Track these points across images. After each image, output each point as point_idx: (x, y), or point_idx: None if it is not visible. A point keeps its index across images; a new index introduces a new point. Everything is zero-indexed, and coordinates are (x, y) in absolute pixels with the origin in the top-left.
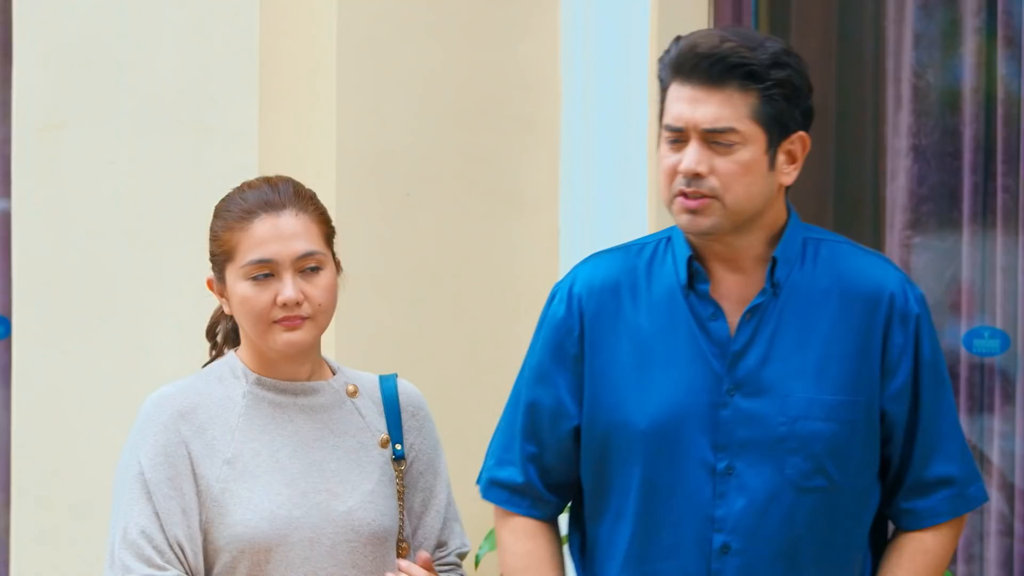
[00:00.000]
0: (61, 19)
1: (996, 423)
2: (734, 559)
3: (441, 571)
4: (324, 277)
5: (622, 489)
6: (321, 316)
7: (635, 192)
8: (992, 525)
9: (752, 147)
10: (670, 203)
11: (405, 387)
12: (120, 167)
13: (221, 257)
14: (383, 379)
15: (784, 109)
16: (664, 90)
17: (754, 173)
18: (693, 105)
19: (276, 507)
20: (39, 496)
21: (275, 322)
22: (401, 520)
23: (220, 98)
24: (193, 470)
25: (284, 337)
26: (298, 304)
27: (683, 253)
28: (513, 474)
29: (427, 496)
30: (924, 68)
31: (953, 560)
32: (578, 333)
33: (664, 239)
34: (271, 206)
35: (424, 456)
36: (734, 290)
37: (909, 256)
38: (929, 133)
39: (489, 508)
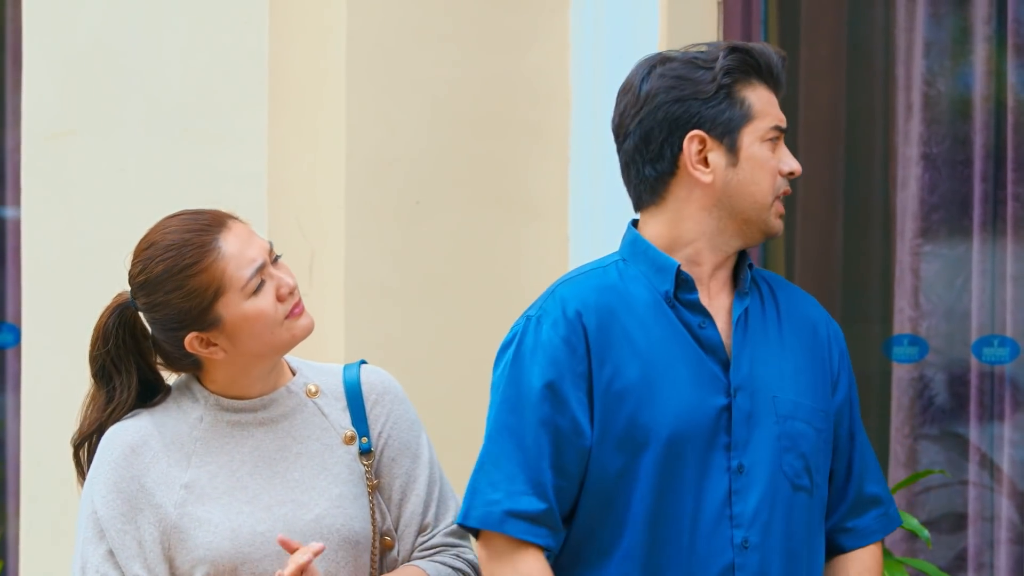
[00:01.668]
0: (71, 27)
1: (1006, 431)
2: (753, 554)
3: (424, 555)
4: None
5: (624, 505)
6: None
7: None
8: (1002, 533)
9: None
10: (769, 206)
11: (368, 374)
12: (129, 175)
13: (210, 299)
14: (346, 369)
15: None
16: (728, 90)
17: None
18: (777, 107)
19: (238, 525)
20: (49, 503)
21: (286, 317)
22: (373, 517)
23: (229, 106)
24: (149, 501)
25: (301, 323)
26: (295, 288)
27: (669, 265)
28: (531, 502)
29: (406, 481)
30: (934, 76)
31: (963, 567)
32: (583, 350)
33: (619, 260)
34: (218, 225)
35: (396, 440)
36: (713, 300)
37: (919, 264)
38: (939, 141)
39: None
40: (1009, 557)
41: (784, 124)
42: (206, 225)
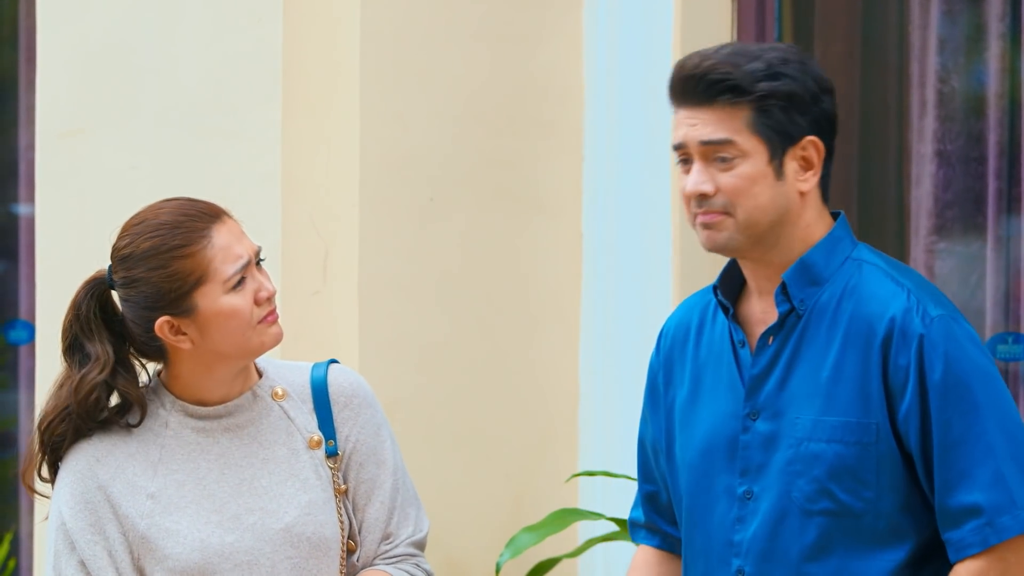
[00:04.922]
0: (85, 25)
1: None
2: None
3: (386, 563)
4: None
5: (679, 520)
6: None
7: (658, 196)
8: None
9: (754, 159)
10: (693, 226)
11: (336, 376)
12: (143, 172)
13: (190, 285)
14: (314, 369)
15: (782, 119)
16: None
17: (760, 184)
18: (690, 125)
19: (206, 535)
20: None
21: (259, 322)
22: (341, 521)
23: (243, 103)
24: (115, 511)
25: (272, 331)
26: (274, 294)
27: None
28: (637, 513)
29: (370, 487)
30: (948, 73)
31: None
32: (662, 370)
33: None
34: (212, 216)
35: (363, 446)
36: (770, 313)
37: (934, 262)
38: (954, 138)
39: (509, 514)
40: None
41: (676, 140)
42: (201, 212)
